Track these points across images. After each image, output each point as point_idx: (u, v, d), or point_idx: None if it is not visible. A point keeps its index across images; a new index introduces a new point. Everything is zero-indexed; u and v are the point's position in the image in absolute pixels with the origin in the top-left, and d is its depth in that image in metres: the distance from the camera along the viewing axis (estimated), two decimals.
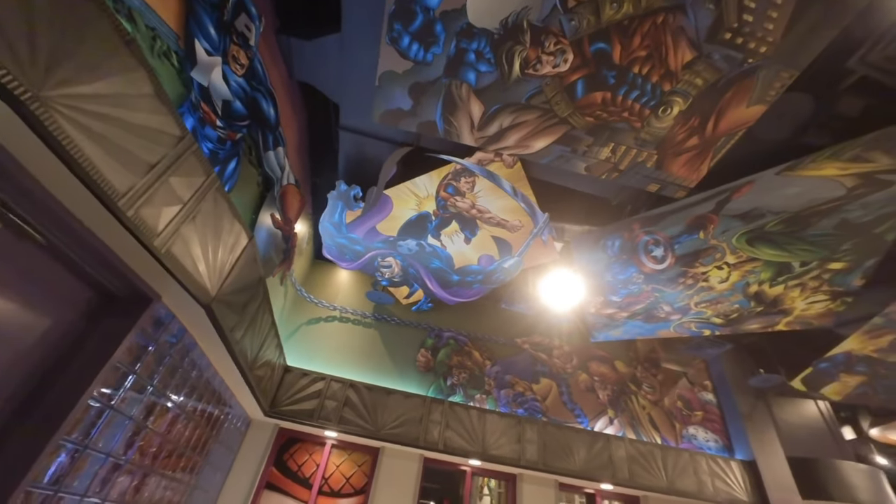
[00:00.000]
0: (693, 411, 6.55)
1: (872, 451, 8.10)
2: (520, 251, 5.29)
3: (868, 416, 8.47)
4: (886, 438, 7.65)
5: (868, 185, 4.00)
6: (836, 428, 7.54)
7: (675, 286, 5.49)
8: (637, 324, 6.28)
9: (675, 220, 4.63)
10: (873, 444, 8.08)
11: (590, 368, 6.57)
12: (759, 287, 5.31)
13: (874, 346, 5.64)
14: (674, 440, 6.12)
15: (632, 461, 5.47)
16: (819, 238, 4.58)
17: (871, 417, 8.26)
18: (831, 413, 7.76)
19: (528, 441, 5.25)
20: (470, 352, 6.18)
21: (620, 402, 6.33)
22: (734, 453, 6.19)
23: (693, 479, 5.51)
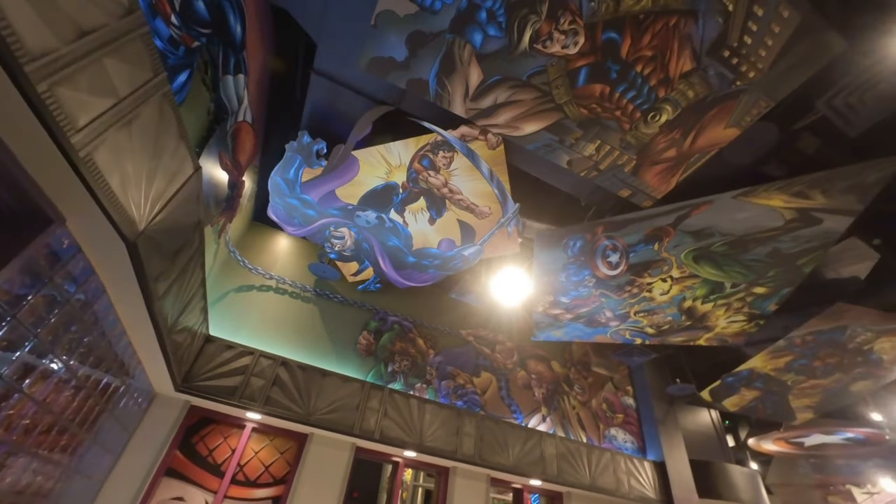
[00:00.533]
0: (615, 414, 6.92)
1: (748, 457, 9.27)
2: (483, 239, 5.12)
3: (746, 426, 9.68)
4: (759, 447, 8.77)
5: (803, 219, 4.41)
6: (722, 435, 8.47)
7: (620, 293, 5.70)
8: (579, 327, 6.45)
9: (637, 229, 4.76)
10: (749, 451, 9.24)
11: (528, 366, 6.63)
12: (693, 303, 5.70)
13: (773, 366, 6.38)
14: (597, 440, 6.39)
15: (561, 458, 5.58)
16: (752, 263, 4.99)
17: (749, 428, 9.43)
18: (720, 422, 8.71)
19: (465, 434, 5.11)
20: (414, 339, 5.90)
21: (554, 401, 6.46)
22: (647, 454, 6.64)
23: (612, 478, 5.78)
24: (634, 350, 6.95)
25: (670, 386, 6.89)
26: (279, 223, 4.75)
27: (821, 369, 6.32)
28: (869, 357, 6.04)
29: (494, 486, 5.48)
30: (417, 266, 5.42)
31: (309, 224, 4.76)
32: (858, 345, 5.81)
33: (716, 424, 8.59)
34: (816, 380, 6.53)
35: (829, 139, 3.85)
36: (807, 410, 7.21)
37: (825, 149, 3.92)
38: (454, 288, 6.33)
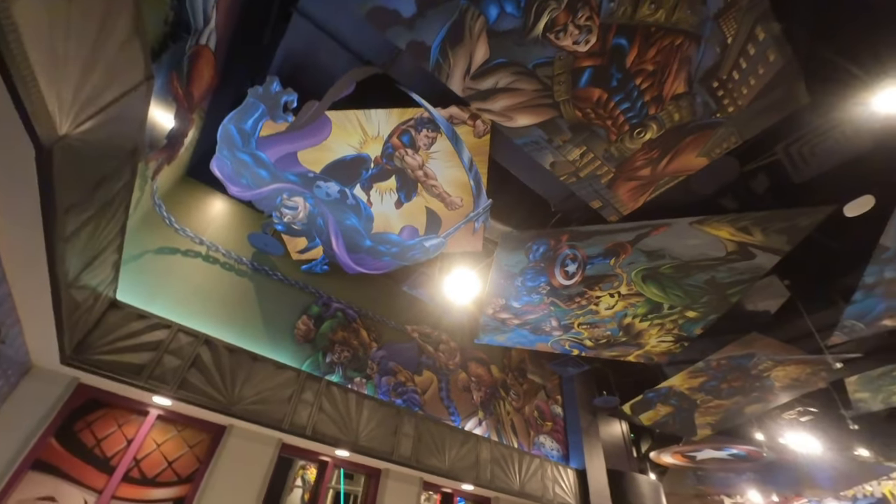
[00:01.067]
0: (545, 421, 7.05)
1: (647, 468, 10.05)
2: (448, 232, 4.89)
3: (649, 439, 10.51)
4: (659, 459, 9.53)
5: (741, 253, 4.80)
6: (630, 447, 9.08)
7: (570, 304, 5.81)
8: (523, 333, 6.48)
9: (599, 242, 4.86)
10: (649, 463, 10.02)
11: (469, 368, 6.51)
12: (633, 320, 5.99)
13: (689, 385, 6.94)
14: (527, 446, 6.44)
15: (494, 463, 5.50)
16: (691, 288, 5.35)
17: (652, 441, 10.23)
18: (628, 434, 9.33)
19: (404, 434, 4.81)
20: (357, 330, 5.47)
21: (490, 405, 6.40)
22: (570, 462, 6.83)
23: (539, 484, 5.83)
24: (570, 361, 7.16)
25: (597, 398, 7.19)
26: (222, 180, 4.09)
27: (726, 391, 7.02)
28: (765, 383, 6.82)
29: (426, 489, 5.23)
30: (373, 251, 5.03)
31: (258, 187, 4.17)
32: (759, 371, 6.53)
33: (625, 436, 9.18)
34: (720, 400, 7.24)
35: (778, 182, 4.23)
36: (706, 427, 7.97)
37: (773, 190, 4.30)
38: (407, 280, 6.01)
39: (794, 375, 6.63)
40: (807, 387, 6.93)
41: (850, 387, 6.91)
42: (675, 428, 7.98)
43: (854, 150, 3.80)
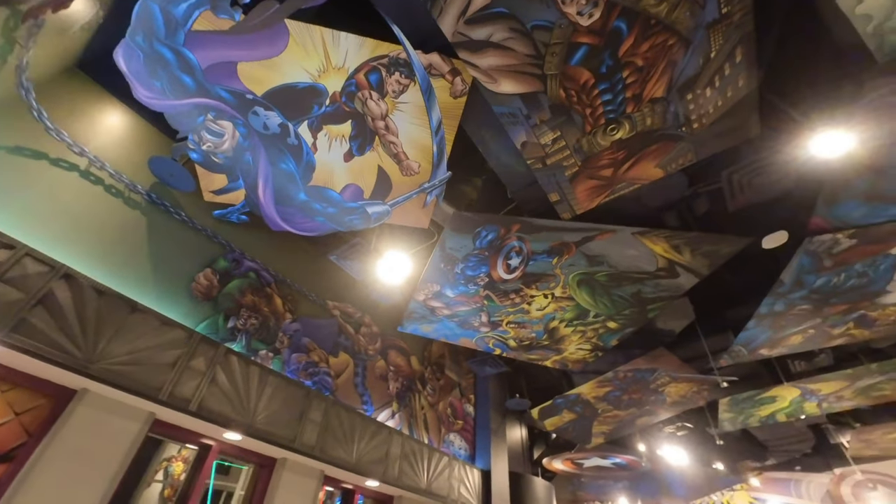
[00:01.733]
0: (457, 419, 6.84)
1: (538, 473, 10.41)
2: (396, 200, 4.45)
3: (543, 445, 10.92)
4: (551, 465, 9.92)
5: (668, 270, 5.09)
6: (527, 451, 9.32)
7: (504, 300, 5.69)
8: (451, 326, 6.22)
9: (546, 238, 4.79)
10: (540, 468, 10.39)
11: (389, 357, 6.06)
12: (559, 324, 6.07)
13: (595, 394, 7.26)
14: (437, 443, 6.16)
15: (403, 459, 5.11)
16: (618, 299, 5.56)
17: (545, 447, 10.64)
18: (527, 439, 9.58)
19: (310, 420, 4.21)
20: (271, 296, 4.72)
21: (406, 398, 6.00)
22: (475, 462, 6.69)
23: (446, 483, 5.57)
24: (489, 360, 7.07)
25: (509, 400, 7.19)
26: (128, 78, 3.18)
27: (625, 402, 7.48)
28: (659, 397, 7.40)
29: (327, 484, 4.64)
30: (306, 208, 4.39)
31: (177, 97, 3.33)
32: (657, 386, 7.06)
33: (523, 441, 9.39)
34: (618, 411, 7.71)
35: (715, 207, 4.53)
36: (600, 436, 8.46)
37: (709, 214, 4.60)
38: (337, 249, 5.39)
39: (682, 392, 7.30)
40: (690, 404, 7.69)
41: (721, 407, 7.81)
42: (573, 435, 8.34)
43: (781, 187, 4.21)
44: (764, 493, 11.64)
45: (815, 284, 5.09)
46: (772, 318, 5.60)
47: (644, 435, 9.13)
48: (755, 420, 8.37)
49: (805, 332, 6.01)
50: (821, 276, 4.99)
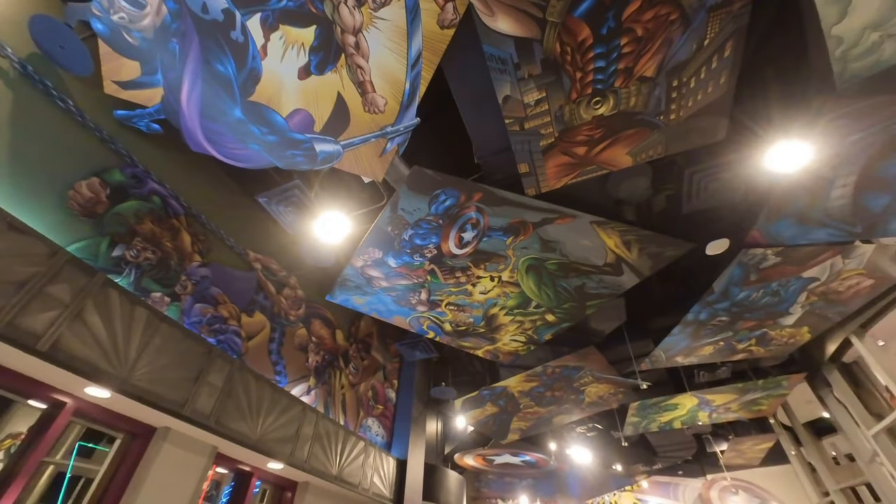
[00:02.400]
0: (378, 404, 6.33)
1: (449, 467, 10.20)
2: (350, 141, 3.87)
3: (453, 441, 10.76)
4: (461, 461, 9.78)
5: (614, 267, 5.11)
6: (442, 444, 9.07)
7: (449, 278, 5.34)
8: (386, 300, 5.72)
9: (507, 213, 4.53)
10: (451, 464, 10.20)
11: (312, 326, 5.38)
12: (499, 311, 5.87)
13: (521, 388, 7.19)
14: (354, 426, 5.60)
15: (316, 440, 4.50)
16: (561, 291, 5.48)
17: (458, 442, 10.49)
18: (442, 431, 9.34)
19: (208, 383, 3.46)
20: (178, 231, 3.86)
21: (325, 374, 5.37)
22: (392, 450, 6.23)
23: (359, 471, 5.05)
24: (420, 344, 6.67)
25: (435, 388, 6.85)
26: None
27: (547, 399, 7.53)
28: (579, 396, 7.55)
29: (218, 463, 3.87)
30: (239, 129, 3.64)
31: None
32: (580, 385, 7.18)
33: (438, 433, 9.13)
34: (539, 407, 7.74)
35: (671, 207, 4.60)
36: (517, 432, 8.46)
37: (664, 214, 4.66)
38: (269, 191, 4.61)
39: (601, 393, 7.53)
40: (605, 406, 7.98)
41: (630, 411, 8.22)
42: (492, 429, 8.24)
43: (732, 196, 4.37)
44: (647, 496, 12.65)
45: (737, 297, 5.43)
46: (694, 326, 5.92)
47: (556, 434, 9.35)
48: (655, 425, 8.96)
49: (716, 343, 6.46)
50: (744, 289, 5.34)
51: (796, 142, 3.74)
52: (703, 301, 5.40)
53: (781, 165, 3.91)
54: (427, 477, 6.68)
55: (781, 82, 3.88)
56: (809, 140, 3.71)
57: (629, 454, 10.92)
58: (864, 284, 5.62)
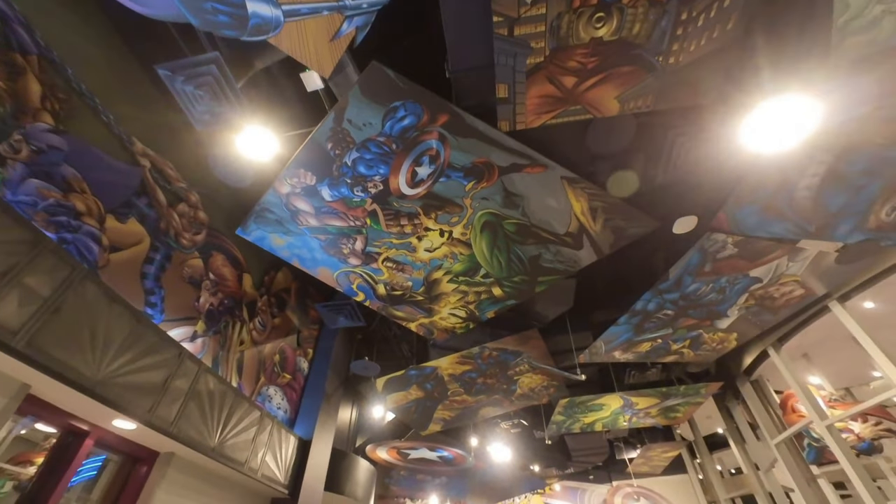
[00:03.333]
0: (284, 372, 5.30)
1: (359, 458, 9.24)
2: (295, 7, 2.99)
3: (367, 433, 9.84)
4: (374, 454, 8.87)
5: (574, 238, 4.67)
6: (354, 432, 8.14)
7: (392, 225, 4.56)
8: (312, 245, 4.78)
9: (472, 148, 3.87)
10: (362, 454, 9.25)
11: (212, 261, 4.29)
12: (442, 276, 5.19)
13: (453, 371, 6.52)
14: (250, 392, 4.55)
15: (193, 398, 3.45)
16: (514, 261, 4.94)
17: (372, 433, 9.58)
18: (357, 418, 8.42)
19: (24, 285, 2.35)
20: (23, 72, 2.68)
21: (222, 322, 4.29)
22: (294, 428, 5.23)
23: (248, 446, 4.04)
24: (346, 309, 5.77)
25: (356, 361, 5.97)
26: None
27: (477, 387, 6.94)
28: (511, 387, 7.07)
29: (30, 413, 2.69)
30: None
31: None
32: (514, 374, 6.70)
33: (352, 420, 8.20)
34: (467, 396, 7.13)
35: (645, 174, 4.25)
36: (439, 422, 7.78)
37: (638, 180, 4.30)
38: (174, 61, 3.50)
39: (534, 385, 7.11)
40: (535, 400, 7.59)
41: (557, 409, 7.93)
42: (413, 417, 7.48)
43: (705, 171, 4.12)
44: (555, 500, 12.62)
45: (688, 288, 5.27)
46: (640, 317, 5.69)
47: (479, 429, 8.83)
48: (578, 426, 8.79)
49: (654, 341, 6.33)
50: (696, 281, 5.18)
51: (783, 112, 3.53)
52: (656, 289, 5.17)
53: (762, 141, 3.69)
54: (333, 464, 5.75)
55: (775, 49, 3.68)
56: (796, 111, 3.51)
57: (545, 456, 10.75)
58: (795, 294, 5.76)
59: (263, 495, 4.65)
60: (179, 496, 3.59)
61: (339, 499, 5.75)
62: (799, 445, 8.21)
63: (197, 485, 3.80)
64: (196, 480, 3.80)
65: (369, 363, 5.92)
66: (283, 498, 4.72)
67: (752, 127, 3.61)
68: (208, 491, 3.93)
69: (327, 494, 5.46)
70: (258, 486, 4.37)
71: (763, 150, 3.75)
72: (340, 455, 6.07)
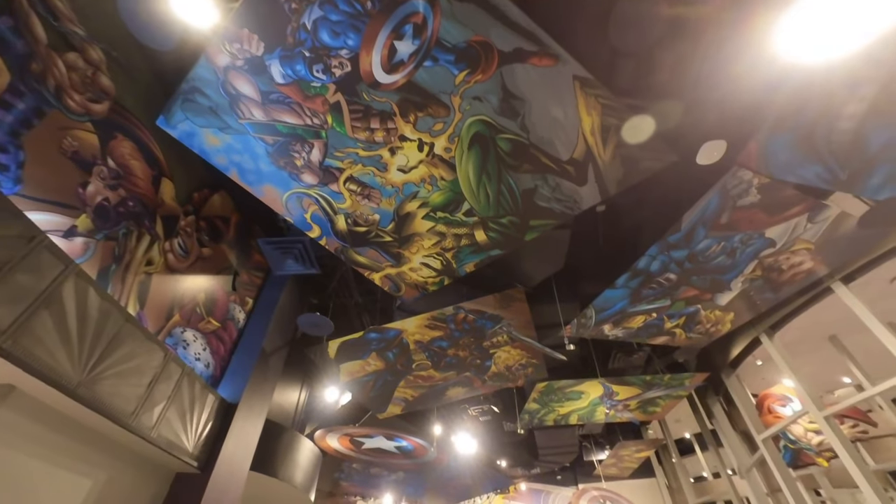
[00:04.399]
0: (212, 318, 4.23)
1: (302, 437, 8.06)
2: None
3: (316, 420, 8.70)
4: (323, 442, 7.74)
5: (577, 168, 3.90)
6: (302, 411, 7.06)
7: (360, 126, 3.65)
8: (256, 150, 3.80)
9: (469, 20, 3.03)
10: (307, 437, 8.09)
11: (114, 143, 3.23)
12: (418, 209, 4.30)
13: (420, 337, 5.58)
14: (155, 329, 3.47)
15: (48, 307, 2.38)
16: (505, 194, 4.13)
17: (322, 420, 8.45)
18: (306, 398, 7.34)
19: None
20: None
21: (121, 228, 3.22)
22: (218, 388, 4.16)
23: (139, 396, 2.97)
24: (296, 248, 4.76)
25: (304, 315, 4.94)
26: None
27: (447, 360, 6.03)
28: (485, 363, 6.21)
29: None
30: None
31: None
32: (491, 345, 5.84)
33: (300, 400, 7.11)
34: (435, 371, 6.20)
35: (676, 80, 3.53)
36: (400, 403, 6.79)
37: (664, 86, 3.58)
38: None
39: (510, 363, 6.28)
40: (509, 381, 6.75)
41: (533, 394, 7.13)
42: (370, 395, 6.46)
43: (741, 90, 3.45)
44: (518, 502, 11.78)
45: (698, 245, 4.61)
46: (642, 278, 4.97)
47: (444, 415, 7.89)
48: (552, 417, 8.03)
49: (649, 315, 5.65)
50: (709, 236, 4.53)
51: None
52: (664, 241, 4.48)
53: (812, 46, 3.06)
54: (267, 439, 4.67)
55: None
56: None
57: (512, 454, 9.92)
58: (802, 267, 5.24)
59: (163, 466, 3.54)
60: (19, 450, 2.49)
61: (270, 483, 4.67)
62: (776, 447, 7.77)
63: (53, 439, 2.69)
64: (52, 433, 2.69)
65: (321, 318, 4.90)
66: (192, 473, 3.63)
67: (799, 27, 2.97)
68: (72, 449, 2.82)
69: (255, 476, 4.39)
70: (154, 452, 3.27)
71: (811, 58, 3.12)
72: (278, 430, 4.99)
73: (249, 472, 4.25)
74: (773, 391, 9.02)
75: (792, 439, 9.10)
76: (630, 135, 3.66)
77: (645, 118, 3.44)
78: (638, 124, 3.57)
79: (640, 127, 3.59)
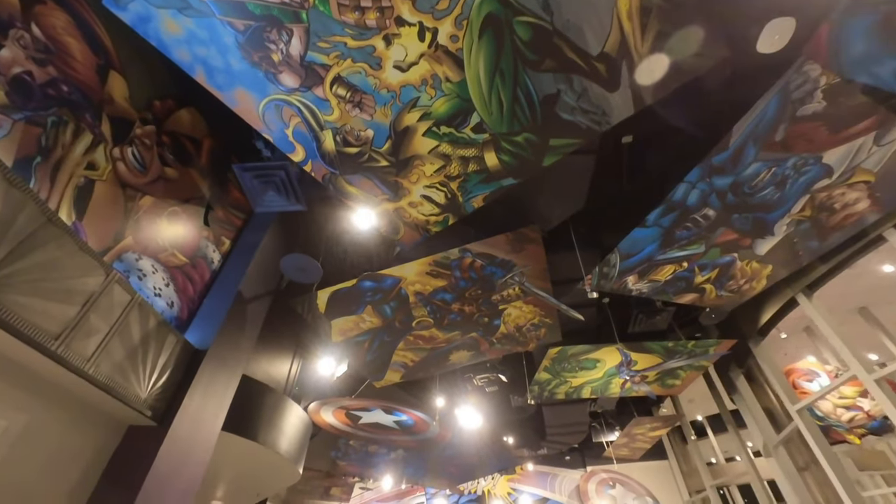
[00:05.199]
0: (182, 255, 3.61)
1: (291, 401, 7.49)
2: None
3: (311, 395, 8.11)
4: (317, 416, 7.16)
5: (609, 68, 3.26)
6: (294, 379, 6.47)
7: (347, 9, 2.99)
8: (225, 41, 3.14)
9: None
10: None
11: (41, 9, 2.58)
12: (418, 122, 3.64)
13: (421, 287, 4.94)
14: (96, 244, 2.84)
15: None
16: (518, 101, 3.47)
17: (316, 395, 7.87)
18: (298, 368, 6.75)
19: None
20: None
21: (48, 112, 2.58)
22: (186, 332, 3.54)
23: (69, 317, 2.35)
24: (277, 176, 4.11)
25: (288, 256, 4.31)
26: None
27: (451, 317, 5.40)
28: (493, 321, 5.58)
29: None
30: None
31: None
32: (500, 299, 5.21)
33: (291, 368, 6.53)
34: (438, 330, 5.57)
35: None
36: (399, 368, 6.18)
37: None
38: None
39: (520, 322, 5.65)
40: (519, 345, 6.13)
41: (545, 361, 6.53)
42: (366, 359, 5.84)
43: None
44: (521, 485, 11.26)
45: (746, 171, 3.95)
46: (677, 214, 4.31)
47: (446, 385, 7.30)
48: (563, 390, 7.43)
49: (679, 264, 5.02)
50: (759, 159, 3.88)
51: None
52: (707, 163, 3.82)
53: None
54: (248, 397, 4.07)
55: None
56: None
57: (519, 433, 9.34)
58: (857, 208, 4.60)
59: (110, 416, 2.94)
60: None
61: (248, 446, 4.07)
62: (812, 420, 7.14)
63: None
64: None
65: (308, 260, 4.26)
66: (147, 426, 3.02)
67: None
68: None
69: (229, 437, 3.79)
70: (96, 395, 2.66)
71: None
72: (260, 389, 4.39)
73: (222, 431, 3.65)
74: (797, 366, 8.42)
75: (819, 416, 8.49)
76: (675, 16, 3.02)
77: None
78: None
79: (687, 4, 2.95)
